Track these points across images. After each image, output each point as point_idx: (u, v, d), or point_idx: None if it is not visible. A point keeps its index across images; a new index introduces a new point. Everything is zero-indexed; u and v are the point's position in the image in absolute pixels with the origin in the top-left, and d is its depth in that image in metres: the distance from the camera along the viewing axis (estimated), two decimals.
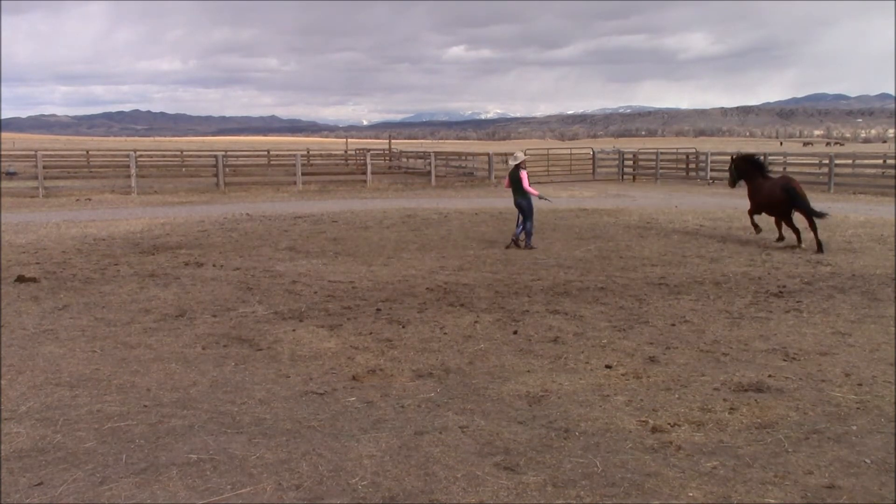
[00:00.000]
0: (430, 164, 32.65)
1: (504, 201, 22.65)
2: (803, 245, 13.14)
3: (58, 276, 10.49)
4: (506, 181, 14.22)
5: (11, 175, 28.92)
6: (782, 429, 5.03)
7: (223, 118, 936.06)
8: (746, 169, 14.55)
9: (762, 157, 16.63)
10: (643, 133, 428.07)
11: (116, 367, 6.40)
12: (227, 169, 29.54)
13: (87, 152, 44.89)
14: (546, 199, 15.03)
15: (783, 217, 13.64)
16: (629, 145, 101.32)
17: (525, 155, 14.80)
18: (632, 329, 7.72)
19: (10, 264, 11.35)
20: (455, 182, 32.10)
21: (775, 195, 13.51)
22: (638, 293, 9.51)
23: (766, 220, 14.63)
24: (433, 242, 14.13)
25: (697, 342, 7.23)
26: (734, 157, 15.43)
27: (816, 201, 23.52)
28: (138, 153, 30.89)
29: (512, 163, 14.01)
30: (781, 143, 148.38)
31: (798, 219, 13.56)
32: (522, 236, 13.56)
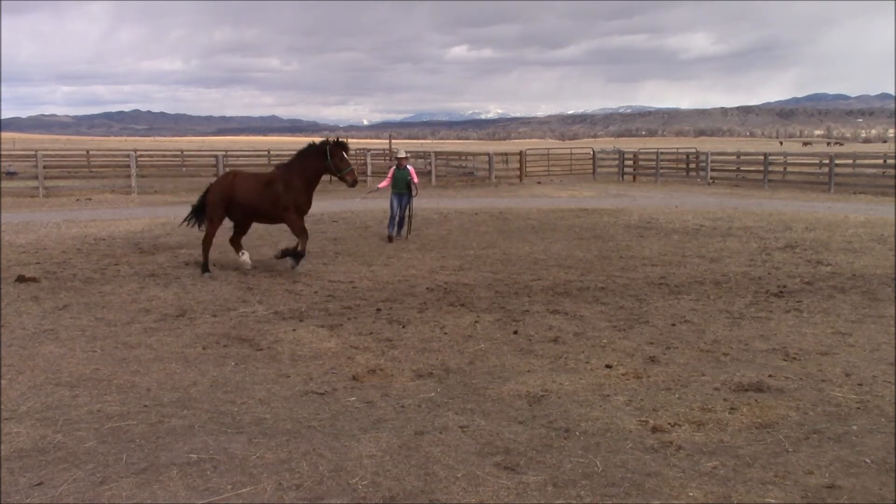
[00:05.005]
0: (430, 163, 32.65)
1: (504, 201, 22.66)
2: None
3: (58, 276, 10.49)
4: (388, 179, 14.81)
5: (11, 175, 28.91)
6: (782, 429, 5.03)
7: (223, 118, 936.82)
8: None
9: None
10: (643, 133, 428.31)
11: (116, 366, 6.40)
12: (227, 169, 29.56)
13: (88, 152, 44.85)
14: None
15: None
16: (629, 145, 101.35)
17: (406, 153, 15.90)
18: (632, 329, 7.72)
19: (10, 264, 11.35)
20: (455, 182, 32.10)
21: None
22: (638, 293, 9.51)
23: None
24: (433, 242, 14.13)
25: (697, 342, 7.23)
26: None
27: (817, 201, 23.66)
28: (138, 153, 30.90)
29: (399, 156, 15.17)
30: (781, 143, 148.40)
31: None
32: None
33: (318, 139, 11.12)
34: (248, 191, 10.78)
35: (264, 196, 10.68)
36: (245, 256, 10.93)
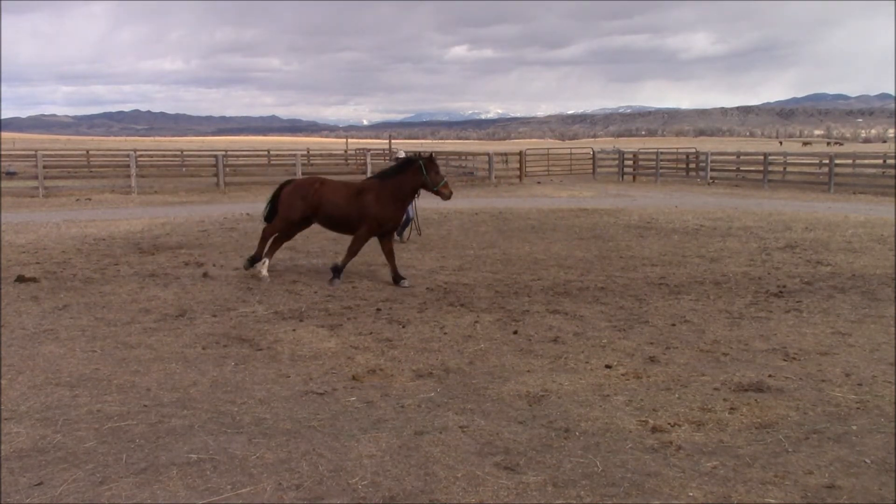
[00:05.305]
0: None
1: (504, 201, 22.65)
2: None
3: (58, 276, 10.49)
4: None
5: (11, 175, 28.92)
6: (782, 429, 5.03)
7: (223, 118, 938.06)
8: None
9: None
10: (643, 133, 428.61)
11: (116, 366, 6.40)
12: (227, 169, 29.56)
13: (88, 152, 44.87)
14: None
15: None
16: (629, 145, 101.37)
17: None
18: (632, 329, 7.72)
19: (10, 264, 11.35)
20: (455, 182, 32.10)
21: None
22: (638, 293, 9.51)
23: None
24: (433, 242, 14.13)
25: (697, 342, 7.23)
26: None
27: (817, 201, 23.67)
28: (138, 153, 30.90)
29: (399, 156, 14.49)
30: (781, 143, 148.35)
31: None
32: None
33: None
34: (339, 198, 10.34)
35: (353, 204, 10.27)
36: (264, 270, 10.42)
